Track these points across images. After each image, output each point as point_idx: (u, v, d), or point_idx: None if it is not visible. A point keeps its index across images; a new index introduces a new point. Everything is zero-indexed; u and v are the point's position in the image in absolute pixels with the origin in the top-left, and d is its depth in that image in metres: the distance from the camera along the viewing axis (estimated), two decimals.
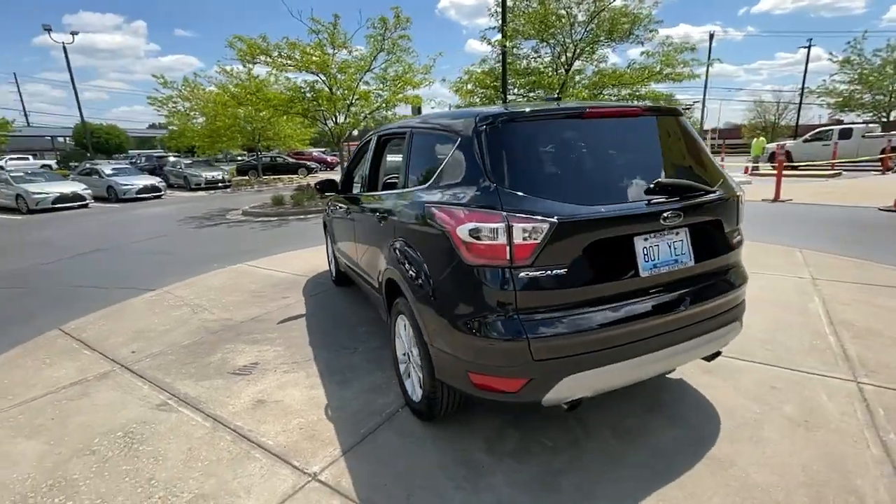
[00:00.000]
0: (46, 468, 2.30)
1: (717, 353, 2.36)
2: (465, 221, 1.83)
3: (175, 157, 24.69)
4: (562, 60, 14.33)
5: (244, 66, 13.63)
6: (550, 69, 14.54)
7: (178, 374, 3.23)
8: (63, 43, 21.93)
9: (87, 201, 15.07)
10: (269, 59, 11.40)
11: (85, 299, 5.16)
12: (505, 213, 1.77)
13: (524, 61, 14.66)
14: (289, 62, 11.36)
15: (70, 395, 3.01)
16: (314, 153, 31.71)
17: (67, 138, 45.39)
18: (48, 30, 21.00)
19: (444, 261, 1.98)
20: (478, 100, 14.13)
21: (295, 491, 2.07)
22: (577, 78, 14.38)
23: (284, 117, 14.24)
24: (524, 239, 1.75)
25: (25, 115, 54.15)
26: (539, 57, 14.88)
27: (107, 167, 17.60)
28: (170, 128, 24.48)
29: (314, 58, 10.90)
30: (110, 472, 2.25)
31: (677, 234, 2.01)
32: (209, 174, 20.19)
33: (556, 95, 2.97)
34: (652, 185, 1.93)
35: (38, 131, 47.38)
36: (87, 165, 18.46)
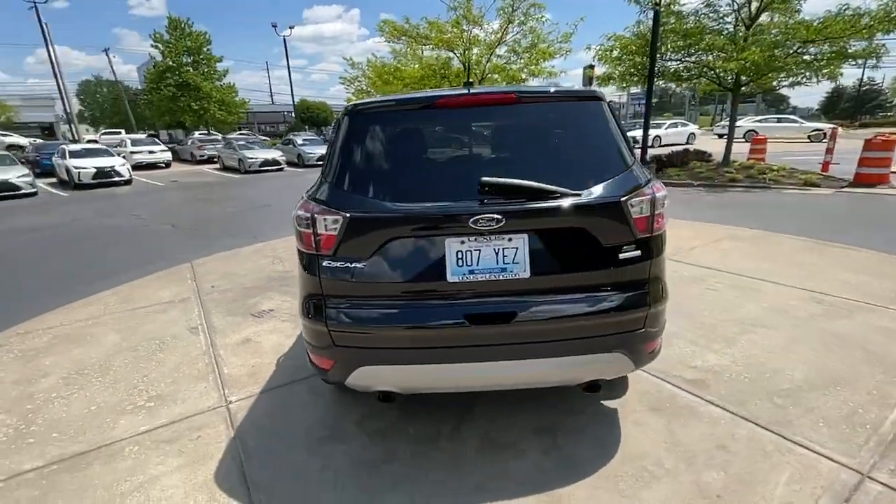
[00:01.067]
0: (108, 354, 3.38)
1: (596, 386, 2.00)
2: (296, 211, 1.99)
3: None
4: (742, 15, 11.62)
5: (409, 48, 14.94)
6: (727, 27, 11.95)
7: (221, 308, 4.18)
8: (283, 36, 27.56)
9: (282, 166, 18.94)
10: (409, 39, 12.29)
11: (225, 244, 6.80)
12: (313, 205, 1.88)
13: (691, 19, 12.36)
14: (426, 41, 12.06)
15: (157, 310, 4.21)
16: None
17: (292, 113, 56.79)
18: (274, 26, 26.73)
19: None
20: (623, 69, 12.62)
21: (207, 410, 2.63)
22: (768, 34, 11.49)
23: None
24: (326, 231, 1.84)
25: (271, 95, 69.79)
26: (714, 12, 12.34)
27: (299, 138, 21.69)
28: None
29: (445, 35, 11.32)
30: (132, 366, 3.19)
31: (510, 240, 1.77)
32: None
33: (468, 80, 2.57)
34: (479, 185, 1.75)
35: (275, 108, 60.50)
36: (290, 136, 23.02)
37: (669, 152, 13.61)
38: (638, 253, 1.85)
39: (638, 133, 23.76)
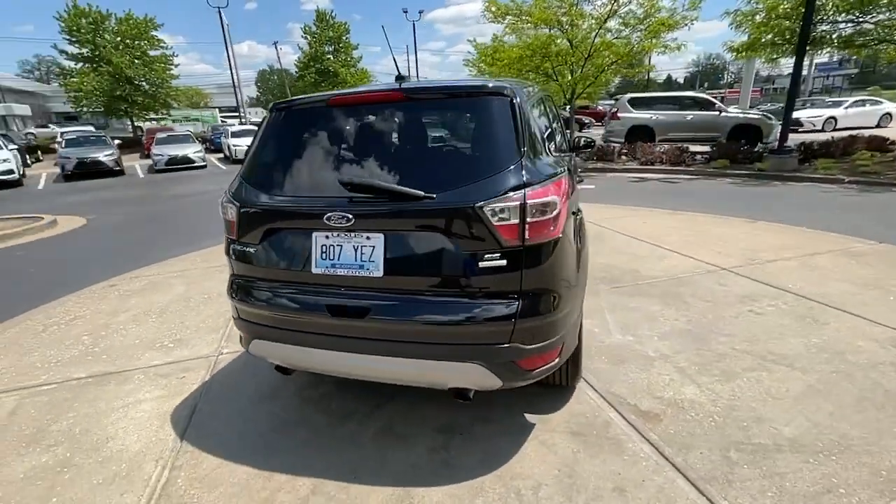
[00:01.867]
0: (170, 301, 4.24)
1: (465, 397, 1.91)
2: (220, 198, 2.27)
3: None
4: None
5: (512, 27, 14.55)
6: None
7: None
8: (413, 21, 28.84)
9: None
10: (513, 19, 11.92)
11: None
12: (224, 194, 2.13)
13: None
14: (529, 18, 11.57)
15: (220, 270, 5.07)
16: (599, 108, 30.74)
17: None
18: (405, 11, 28.14)
19: None
20: (769, 36, 10.47)
21: (202, 357, 3.18)
22: None
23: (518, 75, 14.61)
24: (231, 218, 2.09)
25: (409, 77, 74.78)
26: None
27: None
28: None
29: (546, 13, 10.72)
30: (180, 311, 3.96)
31: (368, 238, 1.79)
32: None
33: (398, 73, 2.31)
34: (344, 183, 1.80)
35: None
36: None
37: (829, 139, 11.01)
38: (503, 263, 1.71)
39: (805, 113, 19.53)
